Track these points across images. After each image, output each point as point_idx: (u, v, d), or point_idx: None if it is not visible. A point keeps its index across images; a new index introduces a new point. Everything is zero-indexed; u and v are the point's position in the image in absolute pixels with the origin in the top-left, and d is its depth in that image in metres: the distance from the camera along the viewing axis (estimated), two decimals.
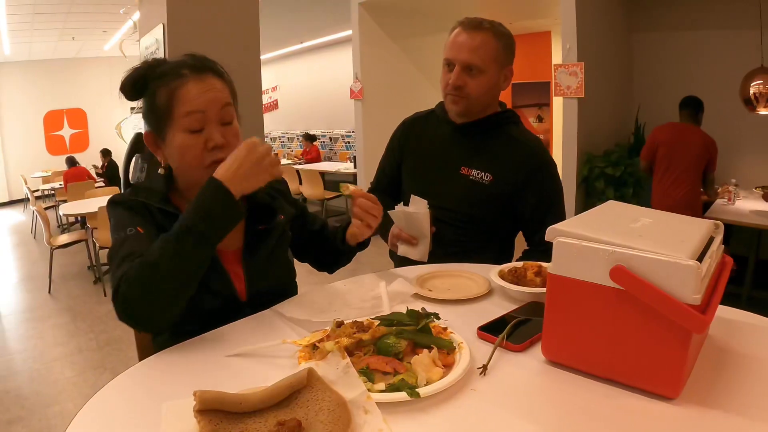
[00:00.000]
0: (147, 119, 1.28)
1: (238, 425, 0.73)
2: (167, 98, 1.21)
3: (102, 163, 10.01)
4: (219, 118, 1.24)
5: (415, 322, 0.98)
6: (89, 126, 14.20)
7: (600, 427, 0.77)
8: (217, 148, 1.22)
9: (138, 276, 1.05)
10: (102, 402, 0.88)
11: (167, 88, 1.22)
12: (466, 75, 1.70)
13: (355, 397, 0.77)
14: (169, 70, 1.24)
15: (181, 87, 1.21)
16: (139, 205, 1.23)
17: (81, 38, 10.93)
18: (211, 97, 1.22)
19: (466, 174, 1.76)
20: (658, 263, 0.82)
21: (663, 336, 0.83)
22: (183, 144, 1.22)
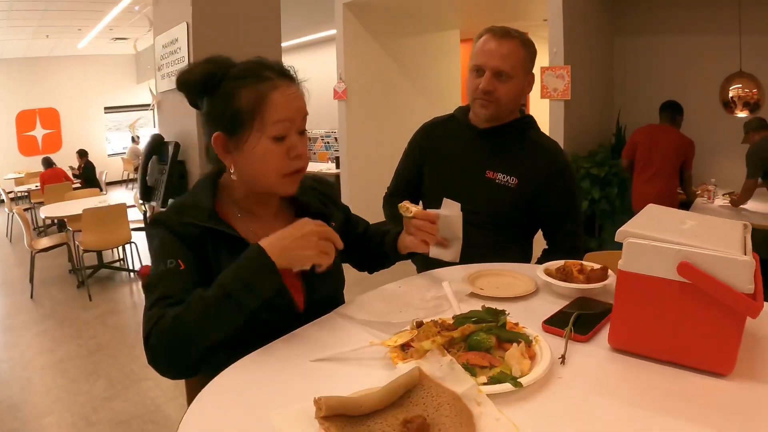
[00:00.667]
0: (219, 121, 1.22)
1: (362, 426, 0.77)
2: (255, 102, 1.18)
3: (78, 164, 9.85)
4: (298, 128, 1.23)
5: (495, 318, 1.06)
6: (62, 126, 13.96)
7: (668, 401, 0.89)
8: (298, 157, 1.22)
9: (170, 335, 1.04)
10: (201, 410, 0.89)
11: (254, 92, 1.18)
12: (496, 81, 1.76)
13: (466, 390, 0.82)
14: (249, 72, 1.20)
15: (271, 92, 1.18)
16: (185, 228, 1.19)
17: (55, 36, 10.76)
18: (298, 105, 1.22)
19: (492, 178, 1.83)
20: (719, 259, 0.93)
21: (721, 321, 0.94)
22: (267, 151, 1.19)
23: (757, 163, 4.15)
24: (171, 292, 1.10)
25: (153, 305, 1.10)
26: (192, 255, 1.17)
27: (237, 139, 1.21)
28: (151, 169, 2.14)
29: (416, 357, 0.94)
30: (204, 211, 1.21)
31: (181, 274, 1.13)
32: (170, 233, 1.18)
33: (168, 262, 1.14)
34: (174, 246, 1.17)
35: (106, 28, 10.46)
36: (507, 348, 0.98)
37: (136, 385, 3.54)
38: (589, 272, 1.37)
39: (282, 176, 1.22)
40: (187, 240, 1.18)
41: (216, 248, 1.20)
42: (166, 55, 2.19)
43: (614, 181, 4.81)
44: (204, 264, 1.18)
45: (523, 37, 1.81)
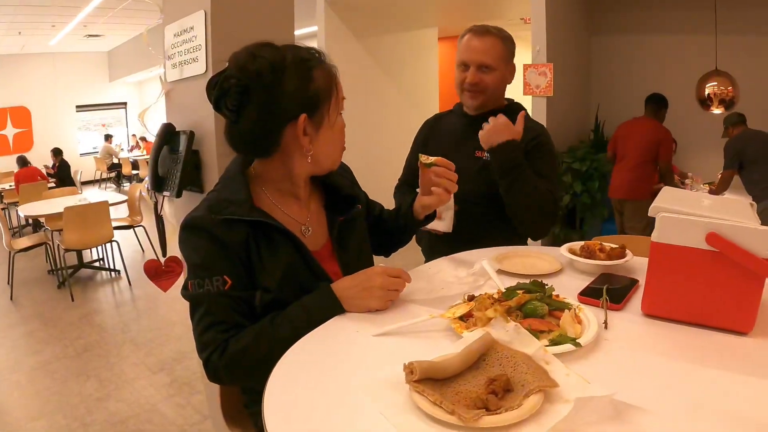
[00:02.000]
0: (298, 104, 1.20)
1: (450, 389, 0.82)
2: (328, 80, 1.23)
3: (53, 162, 9.71)
4: None
5: (542, 290, 1.15)
6: (33, 125, 13.71)
7: (700, 355, 1.00)
8: None
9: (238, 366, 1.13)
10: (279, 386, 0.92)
11: (323, 71, 1.23)
12: (481, 73, 1.99)
13: (535, 351, 0.89)
14: (309, 55, 1.24)
15: (335, 71, 1.27)
16: (225, 230, 1.17)
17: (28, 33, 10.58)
18: None
19: (480, 156, 1.99)
20: (742, 229, 1.04)
21: (743, 284, 1.05)
22: (342, 126, 1.30)
23: (734, 155, 4.35)
24: (223, 317, 1.15)
25: (206, 330, 1.15)
26: (236, 263, 1.18)
27: (319, 118, 1.23)
28: (162, 159, 2.15)
29: (481, 325, 1.01)
30: (243, 204, 1.20)
31: (229, 295, 1.16)
32: (212, 242, 1.17)
33: (214, 280, 1.15)
34: (218, 257, 1.17)
35: (80, 25, 10.32)
36: (557, 315, 1.07)
37: (128, 385, 3.53)
38: (609, 251, 1.46)
39: (340, 151, 1.33)
40: (229, 245, 1.17)
41: (257, 244, 1.20)
42: (178, 44, 2.20)
43: (595, 175, 4.95)
44: (246, 264, 1.20)
45: (501, 33, 2.02)
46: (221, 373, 1.15)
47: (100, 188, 13.19)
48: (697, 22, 5.23)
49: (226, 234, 1.17)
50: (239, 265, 1.18)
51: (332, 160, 1.32)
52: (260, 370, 0.97)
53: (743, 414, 0.80)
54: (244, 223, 1.18)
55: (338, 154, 1.33)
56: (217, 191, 1.27)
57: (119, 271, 5.99)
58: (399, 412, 0.79)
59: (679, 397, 0.85)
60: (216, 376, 1.16)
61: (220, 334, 1.14)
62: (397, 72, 7.61)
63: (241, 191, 1.22)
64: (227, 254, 1.17)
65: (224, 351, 1.13)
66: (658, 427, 0.77)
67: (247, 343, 1.13)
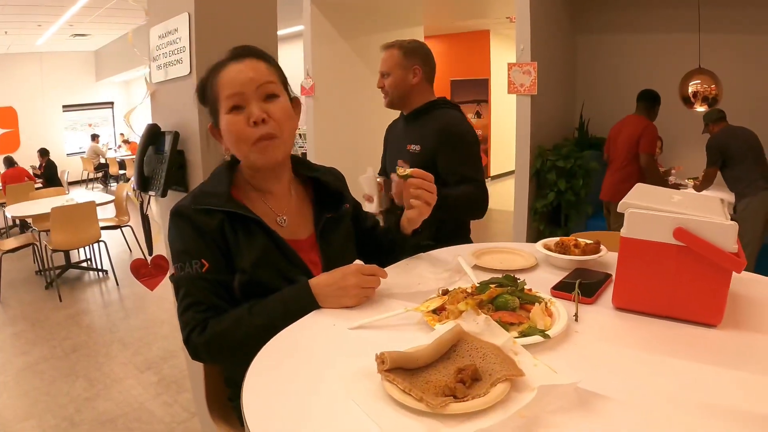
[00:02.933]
0: (209, 115, 1.39)
1: (421, 378, 0.85)
2: (213, 87, 1.32)
3: (40, 163, 9.66)
4: (259, 96, 1.29)
5: (514, 284, 1.19)
6: (20, 125, 13.63)
7: (670, 347, 1.04)
8: (258, 123, 1.27)
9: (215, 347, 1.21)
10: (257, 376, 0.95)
11: (213, 79, 1.32)
12: (383, 79, 2.37)
13: (504, 343, 0.92)
14: (216, 66, 1.34)
15: (222, 72, 1.31)
16: (204, 218, 1.27)
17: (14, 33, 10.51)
18: (248, 76, 1.28)
19: (409, 149, 2.31)
20: (708, 224, 1.08)
21: (711, 278, 1.08)
22: (227, 123, 1.29)
23: (716, 152, 4.37)
24: (201, 298, 1.24)
25: (186, 310, 1.25)
26: (213, 248, 1.27)
27: (217, 123, 1.35)
28: (147, 159, 2.18)
29: (453, 318, 1.05)
30: (220, 196, 1.30)
31: (205, 277, 1.25)
32: (192, 228, 1.27)
33: (193, 263, 1.25)
34: (197, 243, 1.27)
35: (66, 24, 10.28)
36: (528, 309, 1.11)
37: (117, 384, 3.54)
38: (584, 246, 1.50)
39: (250, 145, 1.29)
40: (207, 232, 1.27)
41: (234, 231, 1.29)
42: (163, 45, 2.22)
43: (579, 173, 5.00)
44: (224, 252, 1.29)
45: (403, 44, 2.36)
46: (200, 351, 1.24)
47: (88, 188, 13.10)
48: (681, 21, 5.30)
49: (205, 221, 1.27)
50: (217, 251, 1.27)
51: (244, 157, 1.34)
52: (237, 352, 1.04)
53: (711, 402, 0.83)
54: (220, 212, 1.28)
55: (244, 151, 1.31)
56: (203, 184, 1.39)
57: (107, 271, 5.98)
58: (371, 400, 0.82)
59: (646, 386, 0.88)
60: (195, 353, 1.25)
61: (198, 314, 1.23)
62: None
63: (222, 185, 1.33)
64: (205, 240, 1.27)
65: (203, 331, 1.22)
66: (622, 415, 0.80)
67: (226, 327, 1.21)
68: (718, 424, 0.77)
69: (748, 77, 5.06)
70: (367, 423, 0.77)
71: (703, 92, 4.63)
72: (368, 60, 7.17)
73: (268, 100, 1.30)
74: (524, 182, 5.17)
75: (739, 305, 1.20)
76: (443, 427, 0.74)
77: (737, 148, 4.31)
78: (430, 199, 1.44)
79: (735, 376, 0.91)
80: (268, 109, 1.28)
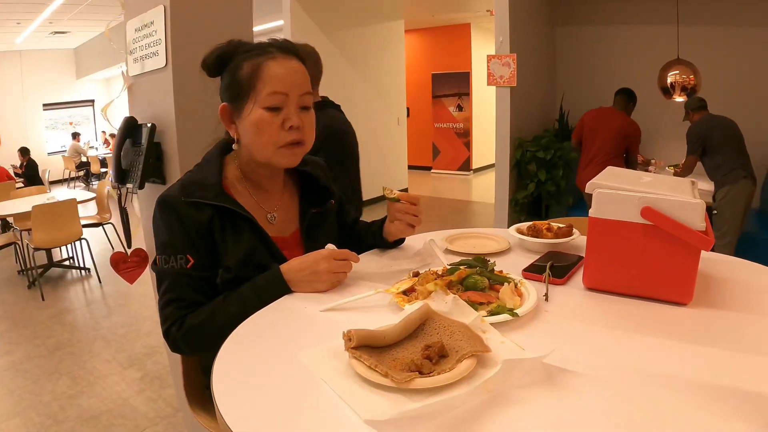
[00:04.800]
0: (225, 91, 1.31)
1: (388, 355, 0.87)
2: (251, 72, 1.24)
3: (21, 162, 9.57)
4: (299, 102, 1.27)
5: (484, 265, 1.20)
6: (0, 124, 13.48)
7: (640, 324, 1.05)
8: (293, 129, 1.26)
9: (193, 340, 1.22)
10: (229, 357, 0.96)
11: (252, 63, 1.25)
12: None
13: (472, 321, 0.94)
14: (256, 47, 1.28)
15: (267, 63, 1.24)
16: (193, 212, 1.25)
17: None
18: (296, 80, 1.26)
19: None
20: (675, 203, 1.09)
21: (680, 256, 1.10)
22: (261, 120, 1.24)
23: (697, 141, 4.37)
24: (183, 294, 1.24)
25: (167, 305, 1.24)
26: (200, 243, 1.25)
27: (239, 108, 1.28)
28: (125, 152, 2.18)
29: (422, 298, 1.06)
30: (211, 189, 1.27)
31: (189, 273, 1.24)
32: (179, 221, 1.24)
33: (178, 258, 1.24)
34: (183, 237, 1.25)
35: (46, 22, 10.17)
36: (498, 289, 1.12)
37: (101, 381, 3.53)
38: (556, 230, 1.51)
39: (277, 147, 1.27)
40: (195, 227, 1.25)
41: (222, 227, 1.27)
42: (139, 38, 2.22)
43: (559, 163, 5.04)
44: (210, 249, 1.27)
45: None
46: (179, 344, 1.24)
47: (69, 187, 13.01)
48: (660, 13, 5.36)
49: (193, 214, 1.24)
50: (202, 246, 1.26)
51: (263, 155, 1.30)
52: (214, 343, 1.02)
53: (678, 377, 0.84)
54: (210, 206, 1.26)
55: (268, 150, 1.28)
56: (193, 172, 1.36)
57: (89, 269, 5.95)
58: (339, 378, 0.82)
59: (613, 362, 0.90)
60: (175, 346, 1.25)
61: (179, 310, 1.23)
62: (364, 65, 7.65)
63: (213, 175, 1.30)
64: (192, 235, 1.25)
65: (182, 325, 1.22)
66: (588, 389, 0.81)
67: (203, 319, 1.21)
68: (681, 397, 0.78)
69: (727, 68, 5.12)
70: (336, 400, 0.78)
71: (681, 83, 4.66)
72: (348, 54, 7.17)
73: (303, 110, 1.29)
74: (504, 174, 5.20)
75: (711, 285, 1.22)
76: (409, 402, 0.75)
77: (718, 137, 4.32)
78: (414, 222, 1.46)
79: (703, 351, 0.92)
80: (303, 119, 1.28)
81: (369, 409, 0.73)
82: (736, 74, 5.10)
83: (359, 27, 7.45)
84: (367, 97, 7.89)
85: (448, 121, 11.61)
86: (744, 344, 0.95)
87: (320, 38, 6.87)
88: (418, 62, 11.63)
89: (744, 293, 1.20)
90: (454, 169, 11.83)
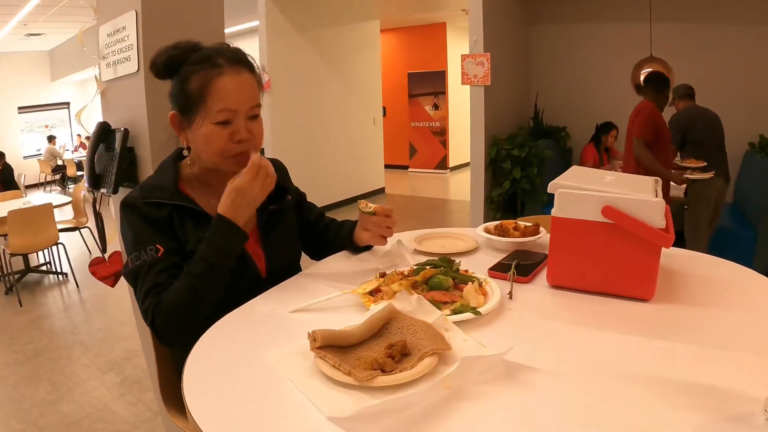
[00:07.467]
0: (175, 100, 1.33)
1: (352, 355, 0.89)
2: (201, 87, 1.26)
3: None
4: (247, 115, 1.30)
5: (449, 265, 1.23)
6: None
7: (603, 321, 1.09)
8: (242, 141, 1.29)
9: (172, 314, 1.19)
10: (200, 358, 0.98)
11: (202, 77, 1.26)
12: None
13: (435, 320, 0.97)
14: (206, 58, 1.29)
15: (217, 79, 1.26)
16: (153, 210, 1.29)
17: None
18: (245, 95, 1.29)
19: None
20: (635, 202, 1.13)
21: (641, 254, 1.14)
22: (210, 134, 1.27)
23: (678, 131, 4.31)
24: (159, 280, 1.24)
25: (146, 296, 1.23)
26: (165, 234, 1.29)
27: (189, 120, 1.32)
28: (98, 157, 2.18)
29: (387, 298, 1.09)
30: (168, 189, 1.32)
31: (162, 261, 1.26)
32: (142, 219, 1.29)
33: (148, 249, 1.26)
34: (147, 231, 1.28)
35: (20, 24, 10.05)
36: (462, 288, 1.15)
37: (80, 387, 3.50)
38: (523, 229, 1.55)
39: (226, 158, 1.31)
40: (156, 222, 1.29)
41: (182, 222, 1.32)
42: (112, 43, 2.22)
43: (534, 161, 5.09)
44: (175, 238, 1.31)
45: None
46: (164, 328, 1.22)
47: (46, 191, 12.84)
48: (633, 11, 5.43)
49: (153, 212, 1.29)
50: (169, 235, 1.30)
51: (211, 163, 1.34)
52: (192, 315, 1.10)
53: (638, 371, 0.87)
54: (168, 204, 1.31)
55: (216, 159, 1.32)
56: (151, 177, 1.41)
57: (66, 273, 5.89)
58: (305, 377, 0.85)
59: (574, 358, 0.93)
60: (161, 333, 1.23)
61: (157, 297, 1.22)
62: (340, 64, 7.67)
63: (169, 178, 1.35)
64: (156, 228, 1.29)
65: (161, 309, 1.21)
66: (546, 384, 0.84)
67: (173, 291, 1.21)
68: (639, 391, 0.81)
69: (699, 65, 5.20)
70: (302, 399, 0.80)
71: None
72: (324, 54, 7.18)
73: (252, 119, 1.32)
74: (480, 172, 5.25)
75: (674, 281, 1.26)
76: (370, 399, 0.78)
77: (699, 131, 4.24)
78: (387, 234, 1.50)
79: (663, 346, 0.96)
80: (252, 129, 1.31)
81: (332, 407, 0.75)
82: (708, 71, 5.18)
83: (335, 27, 7.46)
84: (343, 97, 7.90)
85: (425, 120, 11.66)
86: (703, 338, 0.98)
87: (295, 38, 6.87)
88: (394, 61, 11.64)
89: (706, 288, 1.24)
90: (431, 167, 11.88)
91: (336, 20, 7.45)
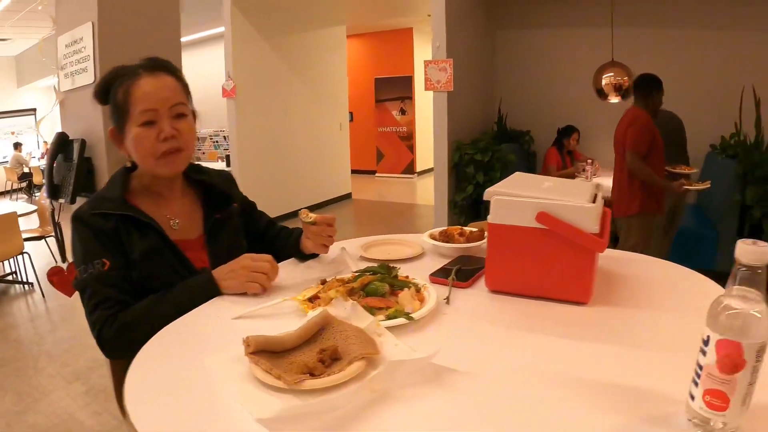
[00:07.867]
0: (111, 117, 1.43)
1: (285, 359, 0.93)
2: (124, 96, 1.35)
3: None
4: (171, 113, 1.37)
5: (388, 272, 1.28)
6: None
7: (541, 324, 1.12)
8: (168, 139, 1.36)
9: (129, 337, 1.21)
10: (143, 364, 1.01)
11: (125, 87, 1.36)
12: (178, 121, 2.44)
13: (368, 325, 1.01)
14: (128, 71, 1.38)
15: (135, 84, 1.35)
16: (100, 221, 1.34)
17: None
18: (164, 94, 1.36)
19: None
20: (569, 207, 1.17)
21: (576, 258, 1.18)
22: (138, 136, 1.35)
23: None
24: (107, 294, 1.29)
25: (94, 309, 1.28)
26: (112, 247, 1.34)
27: (122, 130, 1.39)
28: (57, 167, 2.19)
29: (323, 304, 1.13)
30: (115, 201, 1.38)
31: (108, 275, 1.31)
32: (89, 230, 1.34)
33: (95, 263, 1.31)
34: (95, 245, 1.33)
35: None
36: (399, 294, 1.19)
37: (46, 397, 3.48)
38: (468, 234, 1.60)
39: (156, 158, 1.37)
40: (103, 234, 1.34)
41: (128, 233, 1.36)
42: (70, 54, 2.23)
43: (497, 165, 5.14)
44: (122, 250, 1.35)
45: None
46: (113, 346, 1.28)
47: (12, 199, 12.63)
48: (595, 16, 5.55)
49: (101, 223, 1.34)
50: (116, 249, 1.34)
51: (148, 167, 1.41)
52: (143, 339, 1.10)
53: (567, 374, 0.90)
54: (115, 215, 1.35)
55: (149, 162, 1.39)
56: (101, 190, 1.46)
57: (32, 283, 5.82)
58: (239, 382, 0.89)
59: (502, 361, 0.96)
60: (109, 348, 1.29)
61: (106, 311, 1.28)
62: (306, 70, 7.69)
63: (117, 190, 1.41)
64: (104, 241, 1.33)
65: (113, 325, 1.26)
66: (470, 387, 0.87)
67: (134, 317, 1.27)
68: (565, 394, 0.84)
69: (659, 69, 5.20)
70: (237, 405, 0.83)
71: (615, 84, 4.77)
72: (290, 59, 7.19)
73: (177, 118, 1.39)
74: (443, 176, 5.32)
75: (613, 283, 1.31)
76: (299, 402, 0.82)
77: (665, 134, 4.01)
78: (327, 242, 1.56)
79: (594, 349, 0.99)
80: (178, 127, 1.38)
81: (260, 409, 0.79)
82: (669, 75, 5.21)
83: (300, 32, 7.48)
84: (309, 102, 7.92)
85: (392, 125, 11.72)
86: (635, 341, 1.03)
87: (261, 44, 6.87)
88: (360, 67, 11.69)
89: (645, 290, 1.29)
90: (398, 172, 11.95)
91: (302, 26, 7.47)
